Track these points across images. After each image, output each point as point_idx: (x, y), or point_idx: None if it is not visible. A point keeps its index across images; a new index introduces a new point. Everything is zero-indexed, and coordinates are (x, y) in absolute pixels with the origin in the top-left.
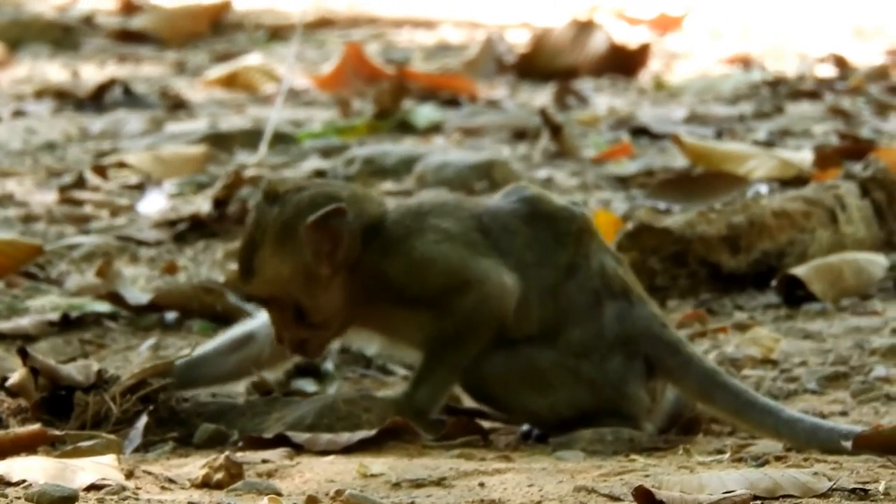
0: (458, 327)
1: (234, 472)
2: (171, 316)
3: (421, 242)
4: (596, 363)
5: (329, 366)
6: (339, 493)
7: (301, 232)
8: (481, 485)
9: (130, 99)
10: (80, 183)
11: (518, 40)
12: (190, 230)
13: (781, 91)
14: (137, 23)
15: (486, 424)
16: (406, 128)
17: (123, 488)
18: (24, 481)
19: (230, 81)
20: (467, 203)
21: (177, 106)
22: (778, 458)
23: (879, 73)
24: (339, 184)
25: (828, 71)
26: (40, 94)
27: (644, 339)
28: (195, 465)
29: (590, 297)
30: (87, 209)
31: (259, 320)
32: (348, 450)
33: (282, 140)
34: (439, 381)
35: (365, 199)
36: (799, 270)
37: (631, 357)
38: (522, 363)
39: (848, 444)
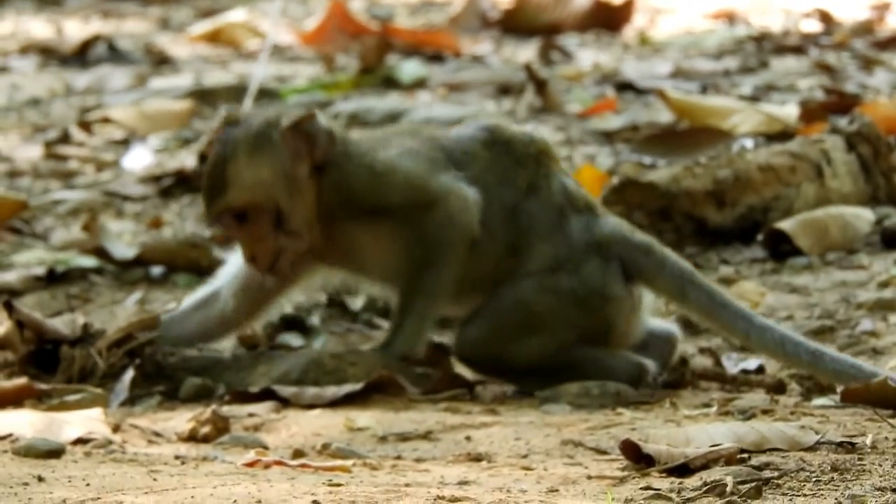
0: (428, 249)
1: (220, 426)
2: (156, 270)
3: (384, 154)
4: (572, 272)
5: (315, 320)
6: (325, 446)
7: (277, 138)
8: (468, 438)
9: (115, 55)
10: (65, 138)
11: None
12: (175, 185)
13: (766, 46)
14: None
15: (471, 378)
16: (391, 83)
17: (110, 442)
18: (10, 435)
19: (214, 37)
20: (427, 129)
21: (161, 62)
22: (765, 412)
23: (864, 28)
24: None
25: (812, 26)
26: (25, 50)
27: (615, 242)
28: (181, 419)
29: (553, 213)
30: (73, 164)
31: (222, 279)
32: (334, 404)
33: (266, 96)
34: (419, 315)
35: (326, 118)
36: (785, 224)
37: (606, 259)
38: (506, 308)
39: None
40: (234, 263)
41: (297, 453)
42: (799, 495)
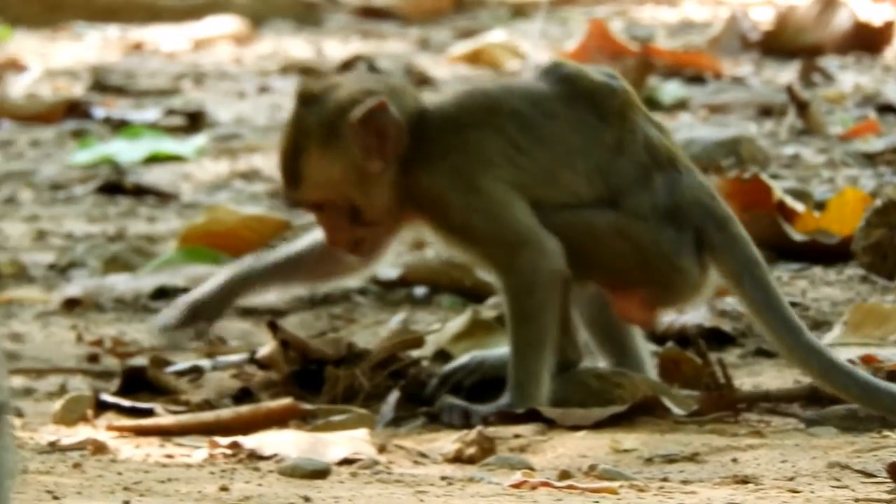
0: (522, 302)
1: (486, 447)
2: (420, 291)
3: (471, 176)
4: (650, 230)
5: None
6: (591, 468)
7: (346, 131)
8: (734, 460)
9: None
10: None
11: (762, 17)
12: None
13: None
14: (381, 0)
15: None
16: (652, 104)
17: (376, 462)
18: (276, 455)
19: (475, 58)
20: (505, 99)
21: (422, 82)
22: None
23: None
24: (374, 77)
25: None
26: (285, 70)
27: (694, 209)
28: (447, 440)
29: (639, 171)
30: None
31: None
32: (600, 425)
33: None
34: (533, 371)
35: (403, 93)
36: None
37: (682, 229)
38: (580, 222)
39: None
40: None
41: (564, 474)
42: None
